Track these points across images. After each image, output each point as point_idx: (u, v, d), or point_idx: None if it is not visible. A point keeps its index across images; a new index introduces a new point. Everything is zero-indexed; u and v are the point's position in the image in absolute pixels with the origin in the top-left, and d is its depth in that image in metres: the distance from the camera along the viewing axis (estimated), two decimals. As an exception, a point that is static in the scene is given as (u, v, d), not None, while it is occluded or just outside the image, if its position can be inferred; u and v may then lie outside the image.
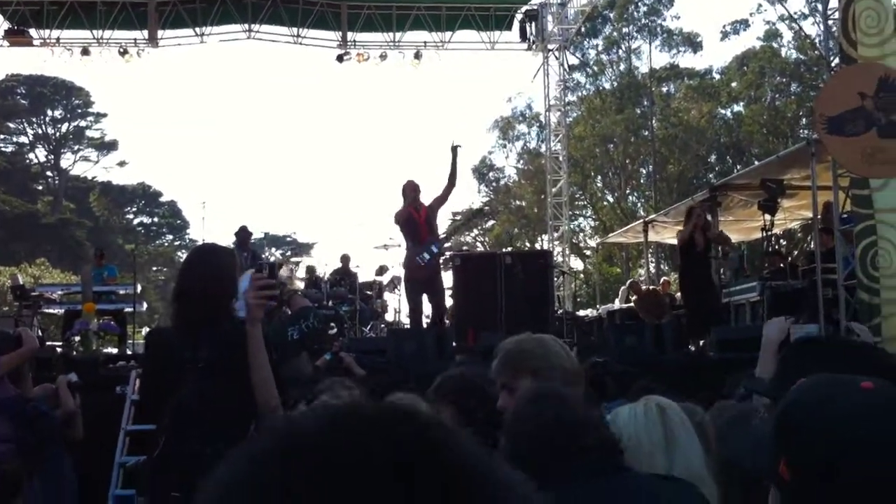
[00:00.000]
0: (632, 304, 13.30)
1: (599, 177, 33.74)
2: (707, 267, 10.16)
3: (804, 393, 1.25)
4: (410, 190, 9.14)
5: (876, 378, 1.22)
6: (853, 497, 1.12)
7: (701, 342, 9.42)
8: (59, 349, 9.52)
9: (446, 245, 10.24)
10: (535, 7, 17.07)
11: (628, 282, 16.53)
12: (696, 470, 2.08)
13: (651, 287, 14.51)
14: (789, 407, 1.24)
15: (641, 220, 16.81)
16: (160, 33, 16.02)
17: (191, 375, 2.92)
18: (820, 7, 9.14)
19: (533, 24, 17.07)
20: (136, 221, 46.81)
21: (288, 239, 46.16)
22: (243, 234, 11.93)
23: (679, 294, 12.33)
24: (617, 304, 15.38)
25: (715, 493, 2.06)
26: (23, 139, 44.41)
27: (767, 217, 10.98)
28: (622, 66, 33.36)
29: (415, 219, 9.01)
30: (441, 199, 9.33)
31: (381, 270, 13.58)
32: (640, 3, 32.70)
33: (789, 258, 14.48)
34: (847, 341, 2.89)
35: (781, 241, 22.97)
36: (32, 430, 4.16)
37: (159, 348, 3.25)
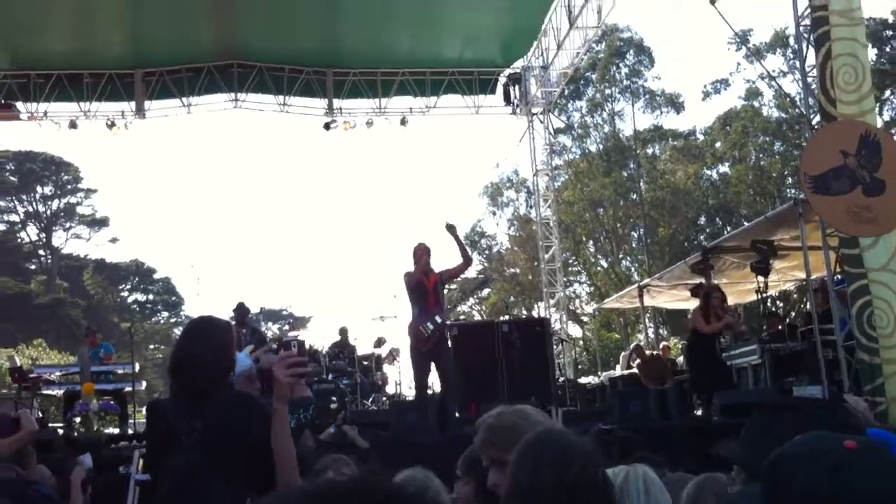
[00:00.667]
0: (634, 370, 13.25)
1: (591, 242, 33.83)
2: (715, 343, 10.19)
3: (792, 448, 1.32)
4: (422, 253, 8.93)
5: (859, 437, 1.30)
6: None
7: (703, 408, 9.40)
8: (60, 430, 9.47)
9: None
10: (518, 70, 17.25)
11: (631, 346, 16.44)
12: None
13: (654, 352, 14.47)
14: (776, 460, 1.31)
15: (636, 286, 16.82)
16: (147, 104, 16.18)
17: (186, 446, 2.95)
18: (798, 64, 9.25)
19: (516, 87, 17.19)
20: (130, 299, 46.67)
21: (284, 313, 45.95)
22: (241, 310, 11.94)
23: (681, 359, 12.31)
24: (618, 371, 15.26)
25: None
26: (13, 217, 44.35)
27: (761, 279, 11.03)
28: (606, 129, 33.64)
29: (424, 285, 8.79)
30: (453, 275, 9.23)
31: (379, 342, 13.57)
32: (621, 65, 33.04)
33: (787, 319, 14.51)
34: (811, 402, 2.96)
35: (778, 301, 23.00)
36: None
37: (158, 421, 3.29)
